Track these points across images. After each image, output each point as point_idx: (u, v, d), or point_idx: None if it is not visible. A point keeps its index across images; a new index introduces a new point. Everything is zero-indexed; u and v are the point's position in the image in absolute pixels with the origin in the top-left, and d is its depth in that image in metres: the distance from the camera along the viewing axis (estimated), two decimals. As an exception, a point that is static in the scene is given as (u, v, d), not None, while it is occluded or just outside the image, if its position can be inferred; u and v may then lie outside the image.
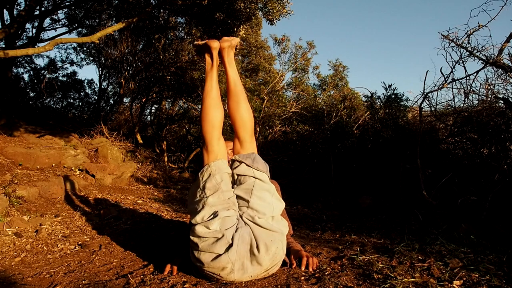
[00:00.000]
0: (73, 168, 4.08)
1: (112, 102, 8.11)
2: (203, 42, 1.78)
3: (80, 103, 8.67)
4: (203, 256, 1.37)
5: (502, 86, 2.87)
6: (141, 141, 6.28)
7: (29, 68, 7.73)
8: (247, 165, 1.56)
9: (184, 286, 1.41)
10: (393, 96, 4.28)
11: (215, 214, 1.42)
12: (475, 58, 2.73)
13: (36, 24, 6.49)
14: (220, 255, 1.34)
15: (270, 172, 1.63)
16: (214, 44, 1.72)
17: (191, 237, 1.43)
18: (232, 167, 1.61)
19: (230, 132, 5.36)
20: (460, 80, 2.99)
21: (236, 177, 1.59)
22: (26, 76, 7.78)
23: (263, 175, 1.55)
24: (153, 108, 8.21)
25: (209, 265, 1.36)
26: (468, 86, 2.97)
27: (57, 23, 7.00)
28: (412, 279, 1.30)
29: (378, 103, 4.54)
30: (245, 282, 1.40)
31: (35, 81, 7.68)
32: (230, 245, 1.35)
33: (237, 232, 1.38)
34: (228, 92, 1.71)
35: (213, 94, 1.66)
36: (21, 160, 3.65)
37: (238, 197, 1.52)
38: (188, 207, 1.52)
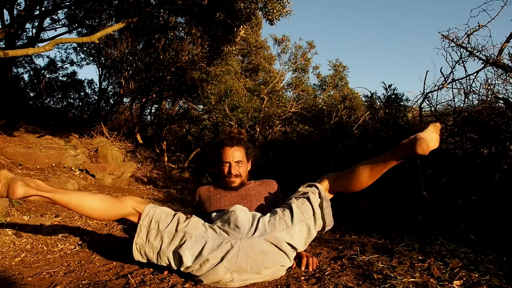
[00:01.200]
0: (73, 168, 4.09)
1: (112, 102, 8.12)
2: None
3: (80, 103, 8.67)
4: (202, 277, 1.38)
5: (502, 86, 2.87)
6: (141, 141, 6.28)
7: (29, 68, 7.74)
8: (320, 198, 1.51)
9: (184, 286, 1.41)
10: (393, 96, 4.28)
11: (179, 255, 1.39)
12: (475, 58, 2.73)
13: (36, 24, 6.49)
14: (215, 266, 1.34)
15: (273, 175, 1.59)
16: (19, 192, 1.32)
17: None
18: (317, 183, 1.57)
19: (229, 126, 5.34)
20: (460, 80, 2.98)
21: (304, 190, 1.56)
22: (26, 76, 7.80)
23: (319, 219, 1.49)
24: (153, 108, 8.23)
25: (209, 280, 1.38)
26: (468, 86, 2.97)
27: (57, 23, 7.01)
28: (412, 279, 1.30)
29: (378, 103, 4.53)
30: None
31: (35, 81, 7.68)
32: (222, 258, 1.35)
33: (235, 247, 1.37)
34: (373, 161, 1.55)
35: (76, 200, 1.45)
36: (21, 160, 3.65)
37: (288, 211, 1.48)
38: (159, 264, 1.48)
